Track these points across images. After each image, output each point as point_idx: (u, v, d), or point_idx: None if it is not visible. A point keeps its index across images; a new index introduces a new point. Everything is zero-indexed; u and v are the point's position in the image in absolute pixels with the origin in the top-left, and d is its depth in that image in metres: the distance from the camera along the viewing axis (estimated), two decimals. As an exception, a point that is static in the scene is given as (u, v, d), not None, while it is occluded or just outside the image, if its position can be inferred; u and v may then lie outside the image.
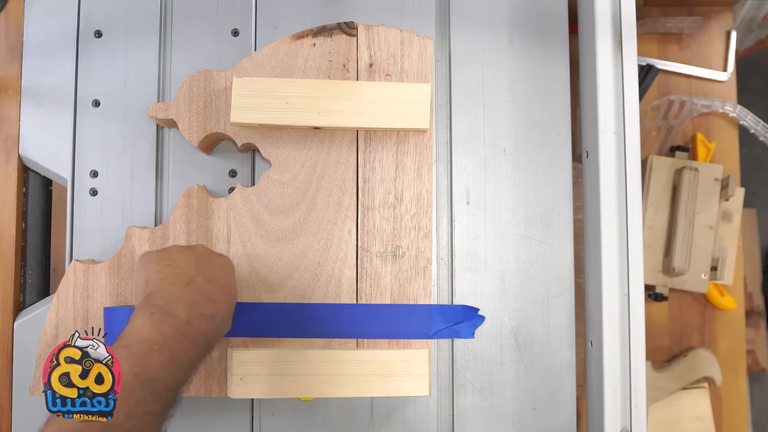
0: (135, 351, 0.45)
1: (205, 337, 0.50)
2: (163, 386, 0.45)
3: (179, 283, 0.51)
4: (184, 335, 0.48)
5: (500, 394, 0.63)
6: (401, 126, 0.60)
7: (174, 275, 0.51)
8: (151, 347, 0.46)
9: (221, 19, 0.65)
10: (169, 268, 0.52)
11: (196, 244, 0.59)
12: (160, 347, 0.46)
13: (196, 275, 0.52)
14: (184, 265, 0.52)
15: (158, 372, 0.45)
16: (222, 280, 0.54)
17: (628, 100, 0.60)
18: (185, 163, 0.64)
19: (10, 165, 0.65)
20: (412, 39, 0.63)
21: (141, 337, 0.46)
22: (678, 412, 0.91)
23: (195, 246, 0.56)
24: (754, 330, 1.19)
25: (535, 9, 0.66)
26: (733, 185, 0.88)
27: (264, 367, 0.58)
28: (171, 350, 0.46)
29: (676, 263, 0.86)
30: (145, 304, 0.49)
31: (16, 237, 0.66)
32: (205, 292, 0.51)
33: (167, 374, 0.46)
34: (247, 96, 0.59)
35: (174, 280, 0.51)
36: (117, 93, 0.64)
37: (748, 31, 1.04)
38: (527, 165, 0.65)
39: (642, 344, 0.58)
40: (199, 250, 0.55)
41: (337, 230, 0.61)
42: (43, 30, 0.65)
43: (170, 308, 0.49)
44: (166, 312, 0.48)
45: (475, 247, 0.64)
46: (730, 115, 0.94)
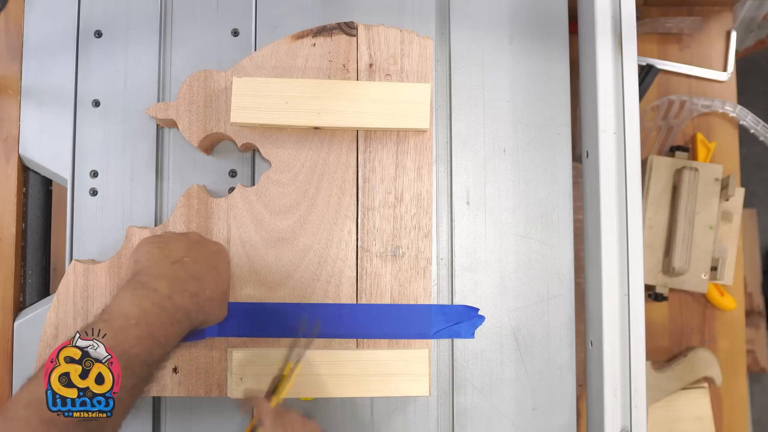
0: (112, 325, 0.45)
1: (186, 313, 0.50)
2: (137, 361, 0.45)
3: (165, 261, 0.51)
4: (163, 309, 0.48)
5: (500, 394, 0.63)
6: (401, 126, 0.60)
7: (162, 255, 0.52)
8: (128, 321, 0.46)
9: (221, 19, 0.65)
10: (158, 249, 0.53)
11: (191, 231, 0.59)
12: (137, 321, 0.46)
13: (185, 256, 0.52)
14: (174, 247, 0.53)
15: (133, 347, 0.45)
16: (212, 262, 0.55)
17: (628, 100, 0.60)
18: (185, 163, 0.64)
19: (10, 165, 0.65)
20: (412, 39, 0.62)
21: (120, 311, 0.46)
22: (678, 412, 0.91)
23: (189, 232, 0.57)
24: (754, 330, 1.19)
25: (535, 9, 0.66)
26: (733, 185, 0.88)
27: (264, 367, 0.58)
28: (148, 325, 0.46)
29: (676, 263, 0.86)
30: (130, 281, 0.50)
31: (16, 237, 0.66)
32: (191, 271, 0.52)
33: (142, 349, 0.46)
34: (247, 96, 0.59)
35: (161, 259, 0.52)
36: (117, 93, 0.64)
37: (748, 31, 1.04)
38: (527, 165, 0.65)
39: (642, 344, 0.58)
40: (191, 236, 0.56)
41: (337, 230, 0.61)
42: (43, 30, 0.65)
43: (152, 284, 0.49)
44: (148, 287, 0.49)
45: (475, 247, 0.64)
46: (730, 115, 0.94)
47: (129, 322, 0.46)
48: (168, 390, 0.59)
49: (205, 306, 0.52)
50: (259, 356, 0.59)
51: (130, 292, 0.48)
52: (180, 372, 0.59)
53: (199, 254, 0.54)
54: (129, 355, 0.45)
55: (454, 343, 0.63)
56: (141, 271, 0.51)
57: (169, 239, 0.54)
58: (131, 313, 0.46)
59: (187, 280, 0.51)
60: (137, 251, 0.53)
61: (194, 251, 0.54)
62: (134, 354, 0.45)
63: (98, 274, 0.60)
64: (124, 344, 0.45)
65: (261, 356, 0.59)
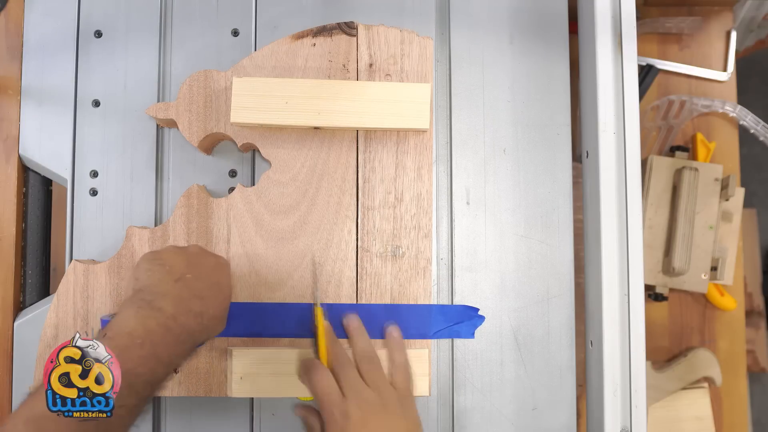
0: (117, 343, 0.45)
1: (190, 333, 0.50)
2: (140, 380, 0.45)
3: (168, 279, 0.51)
4: (169, 330, 0.48)
5: (500, 394, 0.63)
6: (401, 126, 0.60)
7: (163, 272, 0.51)
8: (133, 340, 0.45)
9: (221, 19, 0.65)
10: (159, 266, 0.52)
11: (191, 244, 0.59)
12: (142, 341, 0.46)
13: (186, 272, 0.52)
14: (174, 263, 0.52)
15: (137, 366, 0.45)
16: (214, 278, 0.54)
17: (628, 100, 0.60)
18: (185, 163, 0.64)
19: (10, 165, 0.65)
20: (412, 39, 0.63)
21: (125, 330, 0.46)
22: (678, 412, 0.91)
23: (188, 246, 0.56)
24: (754, 330, 1.19)
25: (535, 9, 0.66)
26: (733, 185, 0.88)
27: (264, 366, 0.58)
28: (153, 345, 0.46)
29: (676, 263, 0.86)
30: (133, 298, 0.49)
31: (16, 237, 0.66)
32: (194, 289, 0.51)
33: (146, 369, 0.46)
34: (247, 96, 0.59)
35: (163, 276, 0.51)
36: (117, 93, 0.64)
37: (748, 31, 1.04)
38: (527, 165, 0.65)
39: (642, 344, 0.58)
40: (191, 250, 0.55)
41: (337, 230, 0.61)
42: (43, 30, 0.65)
43: (157, 303, 0.48)
44: (153, 306, 0.48)
45: (475, 247, 0.64)
46: (730, 115, 0.94)
47: (134, 341, 0.45)
48: (168, 390, 0.59)
49: (209, 325, 0.52)
50: (259, 356, 0.59)
51: (135, 310, 0.48)
52: (180, 372, 0.59)
53: (200, 270, 0.53)
54: (133, 375, 0.44)
55: (454, 343, 0.63)
56: (143, 288, 0.50)
57: (170, 255, 0.53)
58: (136, 332, 0.46)
59: (191, 300, 0.50)
60: (138, 269, 0.52)
61: (195, 267, 0.53)
62: (138, 373, 0.45)
63: (98, 274, 0.60)
64: (128, 363, 0.44)
65: (261, 356, 0.59)
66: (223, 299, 0.54)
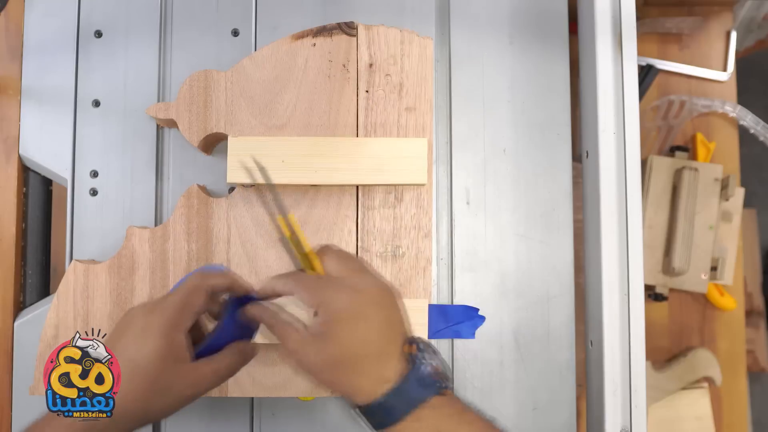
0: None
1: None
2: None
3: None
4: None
5: (500, 394, 0.63)
6: (399, 182, 0.60)
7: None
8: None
9: (221, 19, 0.65)
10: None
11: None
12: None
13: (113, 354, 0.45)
14: (108, 339, 0.46)
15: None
16: (131, 353, 0.44)
17: (628, 100, 0.60)
18: (185, 163, 0.64)
19: (10, 165, 0.65)
20: (412, 39, 0.63)
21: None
22: (678, 412, 0.91)
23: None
24: (754, 330, 1.18)
25: (535, 9, 0.66)
26: (733, 185, 0.89)
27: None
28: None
29: (676, 263, 0.87)
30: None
31: (16, 237, 0.66)
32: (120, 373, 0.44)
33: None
34: (242, 155, 0.58)
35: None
36: (117, 93, 0.64)
37: (748, 31, 1.04)
38: (527, 165, 0.65)
39: (642, 344, 0.58)
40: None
41: (337, 230, 0.61)
42: (43, 30, 0.65)
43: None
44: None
45: (475, 247, 0.64)
46: (730, 115, 0.94)
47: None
48: (168, 390, 0.59)
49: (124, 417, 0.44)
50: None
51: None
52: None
53: (121, 344, 0.45)
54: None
55: (454, 343, 0.63)
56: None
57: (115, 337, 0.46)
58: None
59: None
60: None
61: (117, 341, 0.45)
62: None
63: (98, 274, 0.60)
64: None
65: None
66: (135, 380, 0.44)
